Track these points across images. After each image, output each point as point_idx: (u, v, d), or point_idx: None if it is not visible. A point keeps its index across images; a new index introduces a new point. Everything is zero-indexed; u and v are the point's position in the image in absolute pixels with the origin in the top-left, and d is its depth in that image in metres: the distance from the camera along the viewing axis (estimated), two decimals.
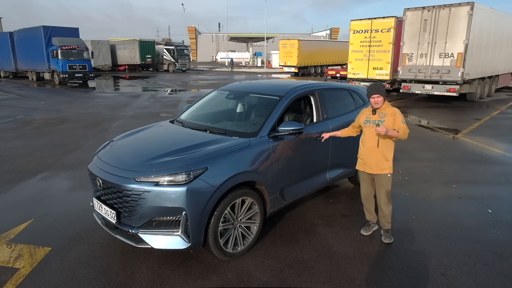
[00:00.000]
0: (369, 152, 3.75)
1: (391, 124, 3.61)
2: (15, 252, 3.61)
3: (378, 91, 3.65)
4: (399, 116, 3.62)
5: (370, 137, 3.74)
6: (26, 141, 8.24)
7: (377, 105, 3.66)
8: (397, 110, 3.68)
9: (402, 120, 3.62)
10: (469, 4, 12.82)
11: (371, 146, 3.74)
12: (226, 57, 59.61)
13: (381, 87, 3.71)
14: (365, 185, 3.97)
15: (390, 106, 3.74)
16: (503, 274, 3.30)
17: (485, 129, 9.96)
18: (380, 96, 3.64)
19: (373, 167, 3.75)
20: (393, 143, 3.73)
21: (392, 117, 3.63)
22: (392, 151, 3.75)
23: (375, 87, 3.70)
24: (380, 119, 3.65)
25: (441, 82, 14.00)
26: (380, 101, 3.65)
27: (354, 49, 17.38)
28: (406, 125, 3.60)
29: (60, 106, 13.91)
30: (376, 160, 3.71)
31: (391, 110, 3.68)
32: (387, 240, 3.86)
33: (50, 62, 23.65)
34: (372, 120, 3.72)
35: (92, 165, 3.65)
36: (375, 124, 3.65)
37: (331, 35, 73.27)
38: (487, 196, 5.16)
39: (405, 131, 3.58)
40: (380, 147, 3.69)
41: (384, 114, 3.68)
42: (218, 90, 5.13)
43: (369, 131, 3.75)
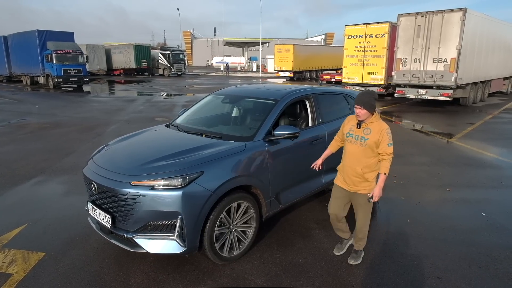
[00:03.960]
0: (348, 170, 3.30)
1: (375, 144, 3.13)
2: (9, 257, 3.57)
3: (360, 101, 3.12)
4: (386, 136, 3.10)
5: (350, 153, 3.28)
6: (20, 146, 8.18)
7: (358, 117, 3.19)
8: (385, 127, 3.15)
9: (389, 142, 3.10)
10: (462, 10, 12.99)
11: (350, 164, 3.29)
12: (221, 61, 59.72)
13: (366, 97, 3.13)
14: (337, 203, 3.45)
15: (379, 120, 3.21)
16: (498, 277, 3.32)
17: (479, 133, 10.05)
18: (363, 108, 3.12)
19: (351, 186, 3.33)
20: (376, 162, 3.22)
21: (378, 136, 3.12)
22: (374, 171, 3.25)
23: (359, 96, 3.19)
24: (364, 135, 3.18)
25: (435, 87, 14.14)
26: (362, 114, 3.14)
27: (349, 54, 17.50)
28: (392, 149, 3.12)
29: (55, 111, 13.83)
30: (354, 180, 3.28)
31: (378, 126, 3.15)
32: (353, 261, 3.51)
33: (44, 66, 23.53)
34: (355, 135, 3.24)
35: (87, 169, 3.63)
36: (358, 140, 3.20)
37: (326, 40, 73.82)
38: (481, 200, 5.20)
39: (390, 160, 3.12)
40: (360, 167, 3.22)
41: (369, 130, 3.16)
42: (214, 94, 5.14)
43: (350, 147, 3.28)
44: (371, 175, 3.23)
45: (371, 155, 3.18)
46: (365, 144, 3.16)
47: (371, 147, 3.14)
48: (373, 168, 3.22)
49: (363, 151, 3.19)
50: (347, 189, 3.35)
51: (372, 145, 3.13)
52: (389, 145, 3.10)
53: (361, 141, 3.18)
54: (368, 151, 3.17)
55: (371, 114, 3.17)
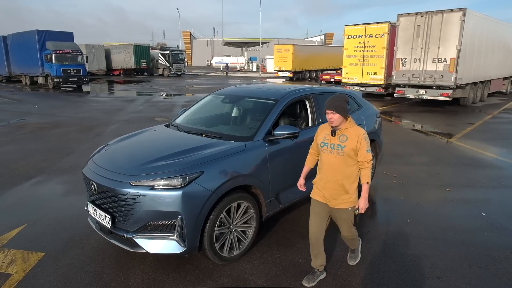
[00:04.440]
0: (325, 182, 3.01)
1: (353, 151, 2.91)
2: (8, 257, 3.56)
3: (332, 105, 2.86)
4: (364, 142, 2.88)
5: (328, 164, 3.00)
6: (20, 146, 8.17)
7: (332, 123, 2.93)
8: (362, 132, 2.93)
9: (367, 149, 2.90)
10: (461, 10, 13.00)
11: (328, 176, 3.00)
12: (221, 61, 59.74)
13: (338, 101, 2.87)
14: (317, 219, 3.14)
15: (354, 125, 2.98)
16: (498, 276, 3.32)
17: (478, 133, 10.06)
18: (335, 113, 2.85)
19: (330, 200, 3.03)
20: (357, 171, 2.99)
21: (356, 142, 2.89)
22: (355, 181, 3.00)
23: (330, 101, 2.89)
24: (340, 143, 2.92)
25: (435, 87, 14.14)
26: (335, 119, 2.88)
27: (349, 54, 17.51)
28: (371, 155, 2.93)
29: (54, 111, 13.82)
30: (333, 194, 2.99)
31: (355, 132, 2.92)
32: (353, 261, 3.49)
33: (44, 66, 23.52)
34: (330, 144, 2.98)
35: (87, 169, 3.63)
36: (334, 149, 2.94)
37: (325, 40, 73.86)
38: (481, 200, 5.20)
39: (370, 168, 2.94)
40: (340, 178, 2.95)
41: (345, 137, 2.91)
42: (214, 94, 5.14)
43: (326, 157, 3.01)
44: (352, 186, 2.98)
45: (350, 163, 2.95)
46: (342, 152, 2.91)
47: (349, 155, 2.91)
48: (354, 178, 2.98)
49: (341, 160, 2.93)
50: (327, 204, 3.05)
51: (350, 153, 2.90)
52: (368, 151, 2.90)
53: (338, 150, 2.92)
54: (347, 160, 2.93)
55: (345, 119, 2.93)
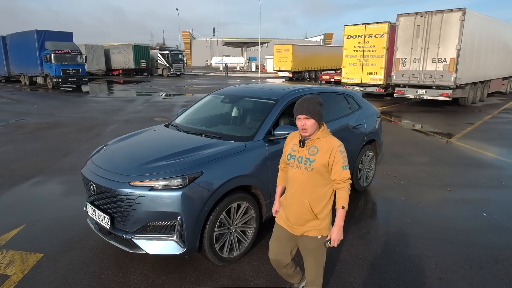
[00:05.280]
0: (290, 203, 2.46)
1: (324, 167, 2.33)
2: (6, 258, 3.54)
3: (305, 109, 2.32)
4: (339, 156, 2.31)
5: (294, 182, 2.44)
6: (19, 146, 8.14)
7: (305, 132, 2.36)
8: (337, 144, 2.34)
9: (344, 164, 2.31)
10: (461, 10, 12.99)
11: (294, 196, 2.44)
12: (220, 61, 59.74)
13: (311, 104, 2.33)
14: (280, 246, 2.60)
15: (328, 135, 2.41)
16: (499, 277, 3.30)
17: (478, 133, 10.05)
18: (309, 118, 2.31)
19: (295, 225, 2.46)
20: (330, 192, 2.42)
21: (327, 156, 2.32)
22: (328, 204, 2.42)
23: (302, 104, 2.35)
24: (309, 156, 2.36)
25: (434, 87, 14.14)
26: (309, 126, 2.33)
27: (348, 54, 17.50)
28: (349, 173, 2.33)
29: (53, 111, 13.79)
30: (298, 219, 2.43)
31: (327, 144, 2.35)
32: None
33: (43, 67, 23.49)
34: (298, 157, 2.42)
35: (86, 170, 3.61)
36: (301, 163, 2.39)
37: (325, 40, 73.85)
38: (481, 200, 5.18)
39: (348, 189, 2.34)
40: (307, 199, 2.38)
41: (316, 149, 2.35)
42: (213, 94, 5.12)
43: (292, 173, 2.45)
44: (323, 211, 2.40)
45: (321, 182, 2.37)
46: (311, 168, 2.34)
47: (319, 172, 2.34)
48: (326, 201, 2.40)
49: (309, 177, 2.36)
50: (291, 231, 2.50)
51: (320, 169, 2.33)
52: (345, 167, 2.31)
53: (305, 164, 2.36)
54: (316, 178, 2.36)
55: (319, 127, 2.41)
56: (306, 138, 2.40)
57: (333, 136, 2.42)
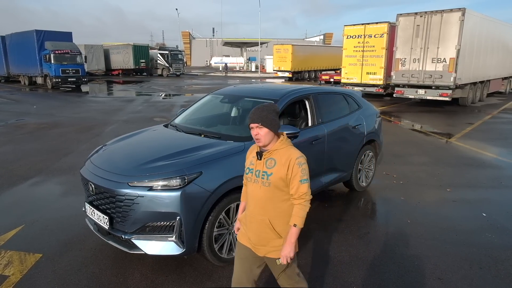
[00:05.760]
0: (250, 220, 2.26)
1: (282, 181, 2.13)
2: (5, 259, 3.53)
3: (257, 117, 2.14)
4: (297, 169, 2.10)
5: (252, 198, 2.25)
6: (18, 146, 8.13)
7: (259, 142, 2.18)
8: (296, 155, 2.13)
9: (303, 178, 2.11)
10: (461, 10, 12.99)
11: (252, 212, 2.25)
12: (220, 62, 59.68)
13: (265, 111, 2.15)
14: (243, 267, 2.36)
15: (287, 146, 2.20)
16: (499, 277, 3.29)
17: (478, 133, 10.05)
18: (261, 126, 2.13)
19: (257, 245, 2.24)
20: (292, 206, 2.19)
21: (285, 169, 2.12)
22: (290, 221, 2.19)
23: (254, 112, 2.18)
24: (266, 169, 2.16)
25: (434, 87, 14.14)
26: (261, 136, 2.14)
27: (348, 54, 17.50)
28: (308, 188, 2.13)
29: (53, 111, 13.78)
30: (260, 238, 2.22)
31: (286, 155, 2.14)
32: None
33: (42, 67, 23.46)
34: (255, 171, 2.22)
35: (85, 170, 3.60)
36: (259, 177, 2.19)
37: (324, 40, 73.86)
38: (481, 200, 5.18)
39: (305, 206, 2.14)
40: (267, 216, 2.18)
41: (274, 161, 2.15)
42: (213, 94, 5.11)
43: (250, 188, 2.26)
44: (286, 229, 2.19)
45: (281, 197, 2.17)
46: (268, 182, 2.14)
47: (277, 187, 2.14)
48: (287, 218, 2.19)
49: (268, 193, 2.16)
50: (254, 251, 2.27)
51: (278, 183, 2.13)
52: (303, 181, 2.10)
53: (262, 178, 2.16)
54: (276, 193, 2.16)
55: (276, 137, 2.20)
56: (263, 150, 2.21)
57: (293, 147, 2.21)
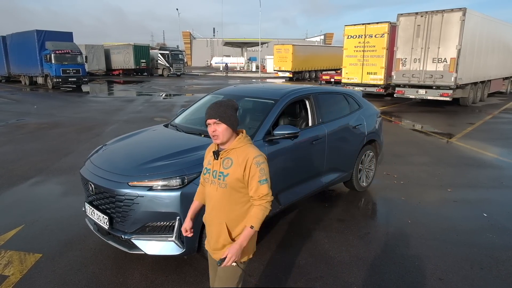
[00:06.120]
0: (210, 223, 2.16)
1: (239, 182, 2.01)
2: (5, 259, 3.52)
3: (214, 113, 2.02)
4: (255, 169, 1.97)
5: (210, 200, 2.14)
6: (18, 146, 8.13)
7: (216, 139, 2.04)
8: (254, 154, 2.00)
9: (262, 178, 1.98)
10: (462, 10, 12.97)
11: (209, 214, 2.15)
12: (220, 62, 59.72)
13: (222, 107, 2.04)
14: (211, 272, 2.34)
15: (246, 144, 2.06)
16: (500, 278, 3.28)
17: (479, 133, 10.03)
18: (219, 122, 2.00)
19: (214, 250, 2.15)
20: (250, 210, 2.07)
21: (242, 169, 1.99)
22: None
23: (212, 107, 2.07)
24: (223, 169, 2.04)
25: (435, 87, 14.12)
26: (219, 133, 2.01)
27: (348, 54, 17.48)
28: (268, 189, 1.99)
29: (53, 111, 13.78)
30: (216, 241, 2.12)
31: (243, 154, 2.01)
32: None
33: (43, 67, 23.47)
34: (212, 171, 2.10)
35: (84, 170, 3.59)
36: (215, 178, 2.07)
37: (325, 40, 73.83)
38: (482, 200, 5.16)
39: (265, 208, 2.00)
40: (224, 219, 2.07)
41: (230, 161, 2.03)
42: (213, 94, 5.10)
43: (207, 189, 2.15)
44: (239, 231, 2.08)
45: (239, 200, 2.04)
46: (225, 183, 2.02)
47: (234, 188, 2.02)
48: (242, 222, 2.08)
49: (224, 195, 2.04)
50: (213, 256, 2.17)
51: (235, 185, 2.01)
52: (262, 182, 1.97)
53: (219, 179, 2.04)
54: (232, 195, 2.03)
55: (234, 134, 2.07)
56: (220, 149, 2.09)
57: (252, 146, 2.08)
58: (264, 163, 2.01)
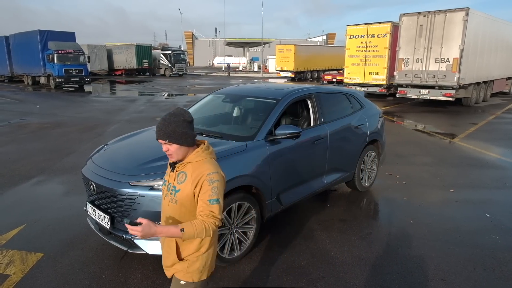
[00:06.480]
0: (162, 239, 2.05)
1: (189, 199, 1.86)
2: (6, 258, 3.53)
3: (163, 133, 1.87)
4: (207, 187, 1.80)
5: (162, 212, 2.04)
6: (20, 145, 8.15)
7: (171, 158, 1.93)
8: (208, 171, 1.83)
9: (212, 198, 1.79)
10: (464, 10, 12.93)
11: None
12: (222, 62, 59.76)
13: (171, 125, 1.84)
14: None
15: (204, 159, 1.89)
16: (503, 279, 3.26)
17: (482, 133, 9.98)
18: (169, 143, 1.87)
19: (166, 266, 2.04)
20: None
21: (193, 185, 1.84)
22: (202, 244, 1.92)
23: (159, 126, 1.89)
24: (176, 184, 1.91)
25: (437, 87, 14.07)
26: (173, 152, 1.88)
27: (351, 54, 17.45)
28: (219, 211, 1.81)
29: (56, 110, 13.82)
30: (167, 258, 2.01)
31: (198, 171, 1.85)
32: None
33: (46, 66, 23.54)
34: (168, 184, 1.98)
35: (86, 169, 3.59)
36: (169, 191, 1.94)
37: (327, 41, 73.71)
38: (485, 201, 5.13)
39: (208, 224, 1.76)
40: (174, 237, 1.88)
41: (185, 175, 1.88)
42: (215, 94, 5.09)
43: (162, 202, 2.03)
44: (193, 254, 1.92)
45: (189, 218, 1.86)
46: (175, 199, 1.90)
47: (185, 205, 1.88)
48: (196, 242, 1.91)
49: (176, 211, 1.92)
50: (164, 269, 2.06)
51: (185, 202, 1.87)
52: (212, 202, 1.79)
53: (171, 194, 1.92)
54: (183, 212, 1.89)
55: (190, 147, 1.90)
56: (177, 161, 1.94)
57: (211, 161, 1.89)
58: (218, 182, 1.83)
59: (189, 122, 1.89)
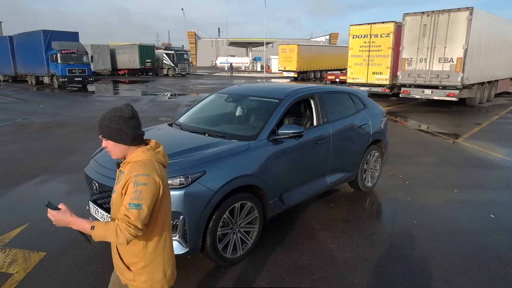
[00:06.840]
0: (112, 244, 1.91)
1: (119, 200, 1.71)
2: (9, 257, 3.53)
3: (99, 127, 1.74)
4: (131, 189, 1.62)
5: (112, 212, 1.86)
6: (24, 145, 8.18)
7: (112, 155, 1.80)
8: (136, 172, 1.66)
9: (132, 202, 1.60)
10: (468, 9, 12.86)
11: None
12: (225, 61, 59.77)
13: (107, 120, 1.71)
14: None
15: (143, 160, 1.73)
16: (508, 280, 3.23)
17: (485, 133, 9.92)
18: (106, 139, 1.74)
19: (119, 271, 1.88)
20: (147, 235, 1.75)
21: (122, 187, 1.70)
22: (144, 253, 1.77)
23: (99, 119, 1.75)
24: (115, 184, 1.83)
25: (441, 87, 14.01)
26: (111, 149, 1.76)
27: (354, 54, 17.41)
28: (137, 218, 1.58)
29: (59, 110, 13.86)
30: (116, 265, 1.89)
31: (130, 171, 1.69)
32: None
33: (49, 66, 23.63)
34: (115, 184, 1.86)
35: (89, 168, 3.59)
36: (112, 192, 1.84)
37: (330, 40, 73.60)
38: (489, 201, 5.10)
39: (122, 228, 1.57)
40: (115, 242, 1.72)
41: (123, 175, 1.75)
42: (217, 93, 5.09)
43: None
44: (136, 263, 1.78)
45: None
46: (111, 202, 1.82)
47: (117, 208, 1.71)
48: (136, 249, 1.76)
49: (113, 213, 1.82)
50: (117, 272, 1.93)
51: (117, 204, 1.73)
52: (131, 206, 1.59)
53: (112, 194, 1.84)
54: (116, 214, 1.72)
55: (129, 146, 1.76)
56: (120, 160, 1.83)
57: (147, 163, 1.72)
58: (145, 186, 1.62)
59: (127, 118, 1.74)
